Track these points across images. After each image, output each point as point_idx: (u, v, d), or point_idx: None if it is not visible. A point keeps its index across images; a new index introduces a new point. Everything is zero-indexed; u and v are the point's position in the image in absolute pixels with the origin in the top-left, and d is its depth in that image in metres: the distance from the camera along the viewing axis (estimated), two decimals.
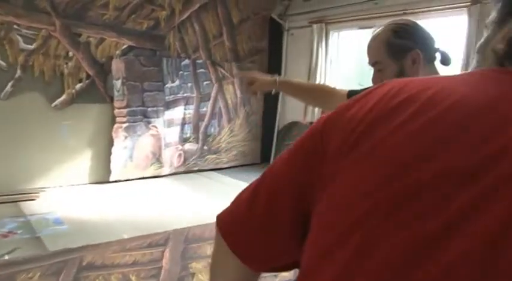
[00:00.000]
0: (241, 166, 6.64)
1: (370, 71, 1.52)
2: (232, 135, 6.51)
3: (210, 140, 6.30)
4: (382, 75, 1.42)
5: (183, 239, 3.67)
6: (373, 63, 1.45)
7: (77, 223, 4.01)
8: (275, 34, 6.78)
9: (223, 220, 0.77)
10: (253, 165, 6.78)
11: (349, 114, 0.61)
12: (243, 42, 6.44)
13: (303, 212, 0.63)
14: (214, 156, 6.33)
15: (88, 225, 3.96)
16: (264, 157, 6.89)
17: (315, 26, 6.25)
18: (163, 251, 3.40)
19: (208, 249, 3.47)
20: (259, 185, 0.71)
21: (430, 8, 5.17)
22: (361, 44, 6.37)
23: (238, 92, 6.48)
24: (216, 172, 6.28)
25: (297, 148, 0.67)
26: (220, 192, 5.29)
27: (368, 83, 1.49)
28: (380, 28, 1.46)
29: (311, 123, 6.38)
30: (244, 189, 0.74)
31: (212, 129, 6.31)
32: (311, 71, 6.36)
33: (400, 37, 1.39)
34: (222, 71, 6.30)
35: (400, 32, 1.40)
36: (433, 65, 1.43)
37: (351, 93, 1.70)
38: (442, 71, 1.45)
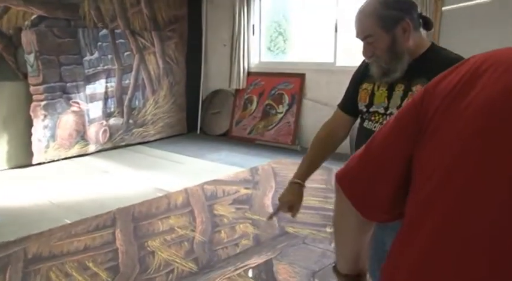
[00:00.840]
0: (169, 137, 6.49)
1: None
2: (157, 107, 6.30)
3: (135, 113, 6.05)
4: (374, 48, 1.43)
5: (131, 218, 3.55)
6: (364, 37, 1.44)
7: (8, 213, 3.69)
8: (194, 1, 6.57)
9: (340, 175, 0.85)
10: (180, 135, 6.66)
11: (444, 83, 0.74)
12: (162, 10, 6.17)
13: (408, 166, 0.75)
14: (140, 129, 6.11)
15: (22, 214, 3.67)
16: (191, 127, 6.79)
17: None
18: (113, 233, 3.26)
19: (160, 225, 3.40)
20: (371, 143, 0.82)
21: None
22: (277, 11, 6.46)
23: (160, 62, 6.24)
24: (144, 146, 6.08)
25: (403, 111, 0.79)
26: (151, 165, 5.16)
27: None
28: (366, 1, 1.45)
29: (236, 90, 6.38)
30: (357, 151, 0.84)
31: (136, 102, 6.06)
32: (234, 38, 6.30)
33: (388, 8, 1.39)
34: (142, 40, 6.01)
35: (388, 2, 1.39)
36: (419, 31, 1.46)
37: (343, 106, 1.68)
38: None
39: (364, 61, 1.63)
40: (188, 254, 2.92)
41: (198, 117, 6.84)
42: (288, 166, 5.10)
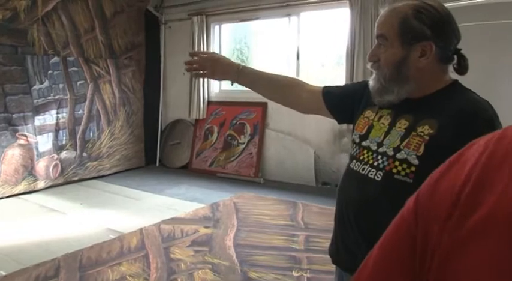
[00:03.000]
0: (126, 170, 6.15)
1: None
2: (113, 138, 5.97)
3: (90, 145, 5.70)
4: (382, 53, 1.21)
5: (78, 266, 3.20)
6: (378, 34, 1.22)
7: None
8: (152, 28, 6.36)
9: None
10: (138, 168, 6.33)
11: (444, 186, 0.52)
12: (118, 36, 5.92)
13: None
14: (95, 163, 5.75)
15: None
16: (149, 159, 6.49)
17: (195, 18, 5.99)
18: None
19: (109, 274, 3.07)
20: None
21: (313, 0, 5.24)
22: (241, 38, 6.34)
23: (116, 91, 5.95)
24: (99, 180, 5.72)
25: (389, 237, 0.58)
26: (105, 202, 4.81)
27: None
28: (402, 1, 1.21)
29: (196, 120, 6.15)
30: None
31: (91, 134, 5.71)
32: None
33: (419, 19, 1.15)
34: (97, 68, 5.72)
35: (423, 13, 1.15)
36: (447, 67, 1.22)
37: (327, 91, 1.48)
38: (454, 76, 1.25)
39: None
40: None
41: (157, 149, 6.54)
42: (251, 201, 4.87)
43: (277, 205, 4.75)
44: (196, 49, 6.00)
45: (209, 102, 6.24)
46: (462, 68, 1.20)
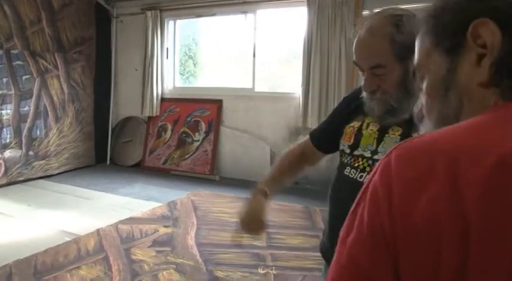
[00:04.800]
0: (75, 169, 5.90)
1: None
2: (61, 136, 5.70)
3: (36, 144, 5.41)
4: (381, 81, 1.16)
5: (32, 272, 3.03)
6: (372, 66, 1.16)
7: None
8: (102, 21, 6.13)
9: None
10: (88, 167, 6.09)
11: (419, 214, 0.46)
12: (67, 29, 5.65)
13: None
14: (42, 162, 5.47)
15: None
16: (99, 158, 6.26)
17: (148, 13, 5.84)
18: None
19: (69, 278, 2.93)
20: None
21: None
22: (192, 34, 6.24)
23: (65, 87, 5.69)
24: (47, 180, 5.44)
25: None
26: (56, 203, 4.59)
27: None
28: (371, 21, 1.17)
29: (149, 117, 6.01)
30: None
31: (37, 132, 5.43)
32: (146, 62, 5.94)
33: (403, 33, 1.11)
34: (44, 63, 5.44)
35: (403, 25, 1.12)
36: None
37: (317, 140, 1.47)
38: None
39: (353, 93, 1.38)
40: None
41: (107, 147, 6.32)
42: (208, 198, 4.82)
43: (235, 202, 4.72)
44: (149, 46, 5.86)
45: (162, 99, 6.11)
46: None
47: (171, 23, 6.05)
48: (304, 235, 3.72)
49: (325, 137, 1.44)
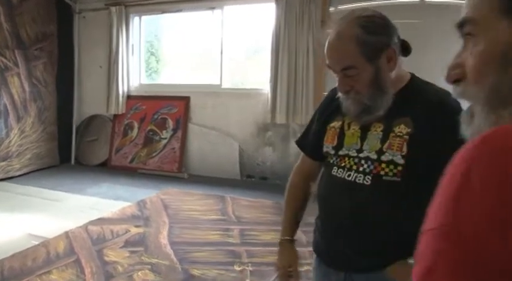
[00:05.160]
0: (38, 170, 5.72)
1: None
2: (23, 136, 5.51)
3: None
4: (354, 82, 1.20)
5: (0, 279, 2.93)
6: (343, 68, 1.20)
7: None
8: (64, 17, 5.95)
9: None
10: (52, 168, 5.92)
11: None
12: (27, 25, 5.46)
13: None
14: (3, 163, 5.27)
15: None
16: (64, 158, 6.10)
17: (113, 9, 5.71)
18: None
19: None
20: None
21: None
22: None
23: (26, 85, 5.50)
24: (8, 182, 5.25)
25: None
26: (19, 205, 4.44)
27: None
28: (339, 24, 1.20)
29: (115, 115, 5.90)
30: None
31: None
32: (111, 59, 5.82)
33: (372, 33, 1.16)
34: (4, 60, 5.23)
35: (370, 26, 1.17)
36: (400, 59, 1.25)
37: (305, 147, 1.47)
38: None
39: (331, 93, 1.40)
40: None
41: (72, 146, 6.16)
42: (178, 196, 4.78)
43: (206, 199, 4.71)
44: (114, 42, 5.74)
45: (128, 97, 6.00)
46: (407, 50, 1.25)
47: (136, 19, 5.95)
48: (277, 230, 3.71)
49: (316, 144, 1.40)
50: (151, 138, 5.90)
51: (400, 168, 1.18)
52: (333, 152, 1.32)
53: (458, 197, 0.45)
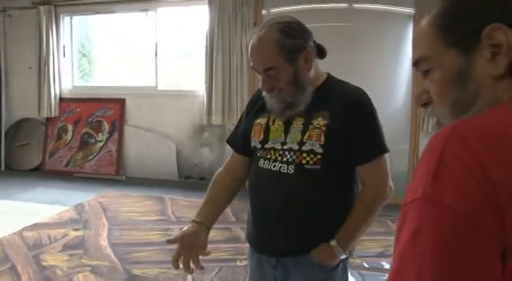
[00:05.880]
0: None
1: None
2: None
3: None
4: (275, 81, 1.34)
5: None
6: (265, 69, 1.34)
7: None
8: None
9: None
10: None
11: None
12: None
13: None
14: None
15: None
16: None
17: (41, 8, 5.56)
18: None
19: None
20: None
21: None
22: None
23: None
24: None
25: (463, 248, 0.53)
26: None
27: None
28: (260, 30, 1.34)
29: (48, 118, 5.75)
30: None
31: None
32: (41, 60, 5.67)
33: (289, 37, 1.31)
34: None
35: (288, 31, 1.32)
36: (316, 60, 1.41)
37: (238, 146, 1.56)
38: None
39: (256, 92, 1.53)
40: None
41: (1, 151, 5.92)
42: (117, 199, 4.77)
43: (145, 201, 4.73)
44: (44, 42, 5.59)
45: (61, 99, 5.86)
46: (323, 53, 1.43)
47: (67, 19, 5.82)
48: (217, 228, 3.84)
49: (243, 139, 1.53)
50: (86, 141, 5.81)
51: (319, 157, 1.33)
52: (259, 146, 1.45)
53: (437, 173, 0.56)
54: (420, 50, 0.71)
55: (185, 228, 1.47)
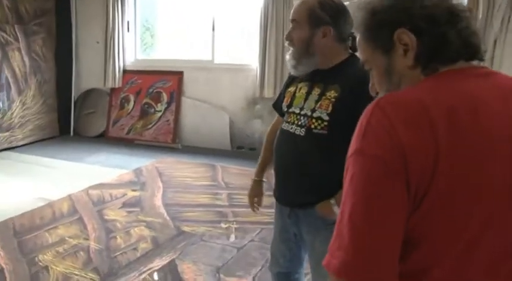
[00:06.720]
0: (39, 141, 6.03)
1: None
2: (25, 108, 5.81)
3: (0, 116, 5.51)
4: (294, 34, 1.59)
5: (12, 233, 3.28)
6: (292, 19, 1.60)
7: None
8: None
9: (346, 270, 0.77)
10: (52, 138, 6.24)
11: (412, 139, 0.75)
12: (25, 1, 5.68)
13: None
14: (7, 134, 5.58)
15: None
16: (63, 129, 6.40)
17: None
18: None
19: (48, 237, 3.20)
20: (356, 231, 0.76)
21: None
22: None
23: (26, 59, 5.76)
24: (11, 151, 5.57)
25: (381, 185, 0.76)
26: (24, 172, 4.79)
27: None
28: None
29: (112, 89, 6.18)
30: (335, 238, 0.79)
31: (1, 104, 5.52)
32: (108, 35, 6.07)
33: (322, 9, 1.54)
34: (4, 35, 5.48)
35: (325, 5, 1.55)
36: (346, 45, 1.62)
37: (280, 110, 1.79)
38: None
39: None
40: (86, 265, 2.82)
41: (70, 118, 6.46)
42: (172, 165, 5.12)
43: (197, 168, 5.05)
44: (110, 19, 5.98)
45: (124, 71, 6.27)
46: (354, 48, 1.60)
47: None
48: None
49: (280, 104, 1.79)
50: (146, 111, 6.20)
51: (326, 123, 1.54)
52: (285, 109, 1.70)
53: (364, 133, 0.79)
54: (361, 56, 0.98)
55: (251, 190, 1.97)
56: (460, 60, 0.86)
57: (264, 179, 1.95)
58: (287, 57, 1.65)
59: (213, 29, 5.80)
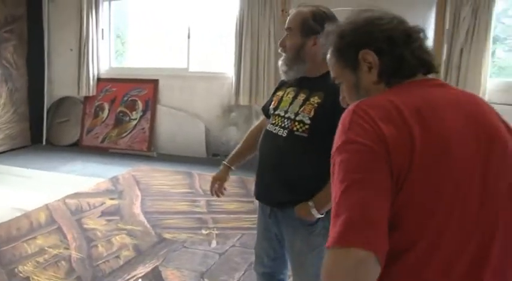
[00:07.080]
0: (10, 150, 5.92)
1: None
2: None
3: None
4: (287, 41, 1.70)
5: None
6: (287, 27, 1.70)
7: None
8: (34, 0, 6.09)
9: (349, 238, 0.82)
10: (24, 148, 6.13)
11: (391, 133, 0.88)
12: None
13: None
14: None
15: None
16: (35, 138, 6.31)
17: None
18: None
19: (27, 247, 3.17)
20: (353, 209, 0.84)
21: None
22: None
23: None
24: None
25: (369, 167, 0.87)
26: None
27: None
28: (307, 6, 1.70)
29: (86, 97, 6.14)
30: (332, 220, 0.86)
31: None
32: (81, 42, 6.03)
33: (314, 20, 1.65)
34: None
35: (317, 16, 1.66)
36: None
37: (266, 112, 1.88)
38: None
39: None
40: (69, 274, 2.80)
41: (43, 127, 6.36)
42: (148, 173, 5.11)
43: (174, 175, 5.06)
44: (84, 26, 5.95)
45: (99, 79, 6.24)
46: None
47: (106, 4, 6.16)
48: (240, 201, 4.15)
49: (268, 107, 1.89)
50: (121, 119, 6.18)
51: (307, 126, 1.64)
52: (272, 111, 1.80)
53: (349, 127, 0.90)
54: (332, 73, 1.13)
55: (217, 172, 2.05)
56: (418, 74, 1.01)
57: (232, 167, 2.02)
58: (279, 62, 1.75)
59: (189, 37, 5.85)
